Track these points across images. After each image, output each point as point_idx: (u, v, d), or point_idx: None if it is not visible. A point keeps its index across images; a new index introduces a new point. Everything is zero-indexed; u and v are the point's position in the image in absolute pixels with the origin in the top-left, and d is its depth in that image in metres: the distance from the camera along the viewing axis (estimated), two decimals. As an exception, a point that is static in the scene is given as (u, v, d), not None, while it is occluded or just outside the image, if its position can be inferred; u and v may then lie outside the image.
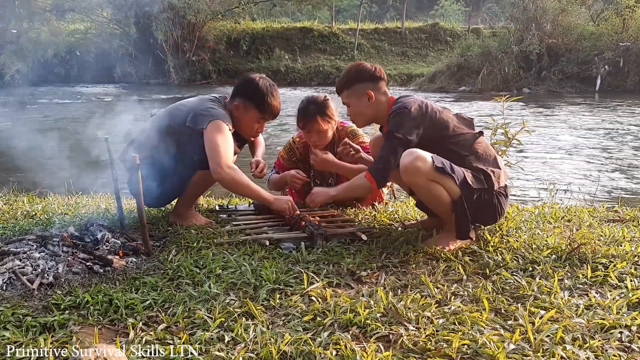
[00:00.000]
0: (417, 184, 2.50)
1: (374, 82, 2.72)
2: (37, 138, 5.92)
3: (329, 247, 2.63)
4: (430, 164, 2.43)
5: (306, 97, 3.44)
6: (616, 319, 1.82)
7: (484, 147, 2.69)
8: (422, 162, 2.42)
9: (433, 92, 21.10)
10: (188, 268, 2.31)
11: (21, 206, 3.67)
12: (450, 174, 2.45)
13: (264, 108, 3.01)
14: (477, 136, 2.68)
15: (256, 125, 3.09)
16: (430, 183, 2.47)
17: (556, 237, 2.75)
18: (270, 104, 3.01)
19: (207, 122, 2.84)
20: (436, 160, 2.44)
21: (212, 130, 2.82)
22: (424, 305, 1.96)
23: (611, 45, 19.97)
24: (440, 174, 2.45)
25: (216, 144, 2.79)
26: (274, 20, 30.92)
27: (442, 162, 2.46)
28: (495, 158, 2.71)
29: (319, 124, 3.29)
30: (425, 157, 2.43)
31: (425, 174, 2.44)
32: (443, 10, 38.33)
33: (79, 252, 2.46)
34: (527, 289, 2.10)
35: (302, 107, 3.36)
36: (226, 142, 2.84)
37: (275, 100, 3.04)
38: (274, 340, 1.69)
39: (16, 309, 1.92)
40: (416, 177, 2.46)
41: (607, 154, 8.74)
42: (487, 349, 1.63)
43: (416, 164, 2.42)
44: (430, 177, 2.45)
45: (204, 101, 3.02)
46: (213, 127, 2.83)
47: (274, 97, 3.02)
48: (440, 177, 2.46)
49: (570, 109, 14.73)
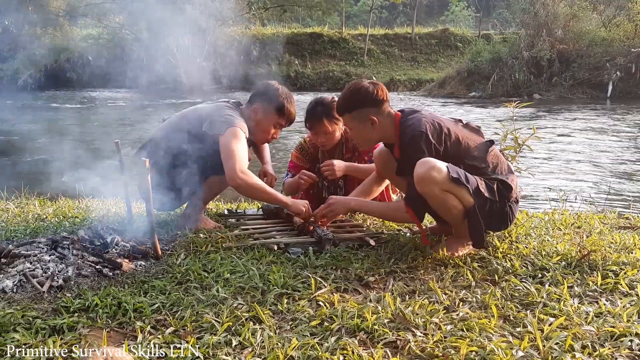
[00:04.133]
0: (432, 193, 2.43)
1: (376, 107, 2.60)
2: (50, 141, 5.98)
3: (337, 252, 2.63)
4: (445, 174, 2.37)
5: (314, 98, 3.46)
6: (626, 326, 1.80)
7: (496, 155, 2.65)
8: (437, 172, 2.36)
9: (443, 97, 21.07)
10: (196, 272, 2.32)
11: (32, 209, 3.71)
12: (465, 184, 2.41)
13: (283, 112, 3.10)
14: (489, 145, 2.64)
15: (272, 130, 3.15)
16: (445, 193, 2.41)
17: (566, 243, 2.73)
18: (289, 109, 3.12)
19: (225, 129, 2.87)
20: (452, 171, 2.38)
21: (229, 137, 2.85)
22: (431, 311, 1.95)
23: (623, 51, 19.87)
24: (455, 184, 2.39)
25: (232, 150, 2.82)
26: (284, 26, 31.08)
27: (457, 172, 2.40)
28: (509, 165, 2.69)
29: (326, 126, 3.31)
30: (440, 168, 2.37)
31: (440, 184, 2.38)
32: (453, 16, 38.34)
33: (88, 255, 2.47)
34: (537, 295, 2.08)
35: (310, 108, 3.39)
36: (242, 149, 2.87)
37: (293, 107, 3.15)
38: (281, 345, 1.69)
39: (26, 311, 1.93)
40: (431, 187, 2.39)
41: (618, 160, 8.67)
42: (496, 355, 1.62)
43: (432, 174, 2.36)
44: (445, 187, 2.39)
45: (220, 107, 3.05)
46: (230, 133, 2.86)
47: (291, 104, 3.14)
48: (455, 187, 2.40)
49: (581, 115, 14.63)
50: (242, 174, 2.80)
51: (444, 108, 17.27)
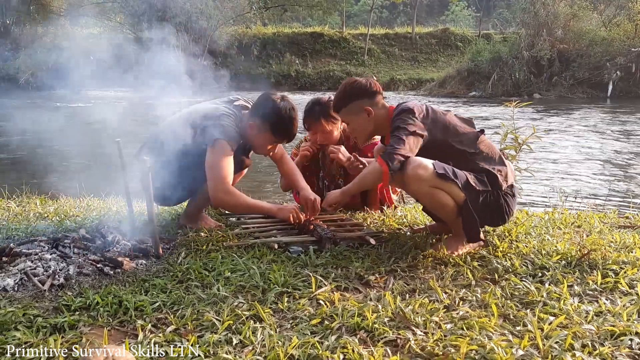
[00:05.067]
0: (421, 191, 2.49)
1: (370, 98, 2.67)
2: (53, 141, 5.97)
3: (338, 251, 2.63)
4: (431, 170, 2.41)
5: (312, 99, 3.47)
6: (626, 325, 1.81)
7: (488, 145, 2.67)
8: (423, 169, 2.41)
9: (443, 97, 21.07)
10: (197, 271, 2.32)
11: (34, 208, 3.71)
12: (453, 179, 2.44)
13: (279, 134, 2.94)
14: (479, 134, 2.67)
15: (269, 147, 3.03)
16: (434, 190, 2.46)
17: (566, 242, 2.73)
18: (286, 130, 2.93)
19: (212, 140, 2.79)
20: (437, 167, 2.43)
21: (214, 151, 2.78)
22: (432, 310, 1.95)
23: (623, 50, 19.87)
24: (442, 180, 2.43)
25: (216, 167, 2.77)
26: (285, 26, 31.08)
27: (443, 167, 2.44)
28: (501, 156, 2.70)
29: (323, 125, 3.33)
30: (426, 165, 2.42)
31: (428, 181, 2.42)
32: (453, 16, 38.33)
33: (89, 254, 2.48)
34: (536, 294, 2.08)
35: (307, 108, 3.41)
36: (226, 165, 2.79)
37: (293, 126, 2.93)
38: (281, 344, 1.69)
39: (27, 309, 1.94)
40: (419, 184, 2.45)
41: (618, 159, 8.67)
42: (496, 354, 1.62)
43: (418, 171, 2.41)
44: (433, 183, 2.44)
45: (217, 112, 2.92)
46: (217, 148, 2.78)
47: (291, 121, 2.90)
48: (443, 183, 2.44)
49: (581, 115, 14.63)
50: (224, 194, 2.78)
51: (444, 107, 17.25)
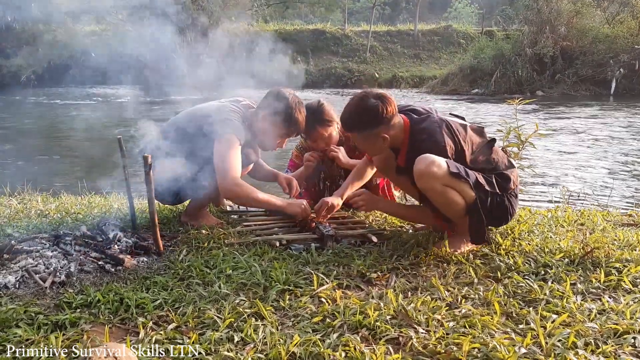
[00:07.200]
0: (433, 189, 2.44)
1: (386, 124, 2.54)
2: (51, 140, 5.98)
3: (339, 249, 2.63)
4: (445, 169, 2.39)
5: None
6: (629, 324, 1.80)
7: (499, 153, 2.67)
8: (437, 167, 2.38)
9: (445, 94, 21.03)
10: (198, 268, 2.32)
11: (35, 205, 3.71)
12: (465, 178, 2.43)
13: (291, 124, 2.98)
14: (492, 144, 2.64)
15: (278, 140, 3.06)
16: (446, 188, 2.43)
17: (569, 240, 2.72)
18: (297, 121, 2.98)
19: (221, 135, 2.82)
20: (451, 165, 2.40)
21: (223, 144, 2.80)
22: (434, 308, 1.95)
23: (626, 47, 19.79)
24: (455, 178, 2.41)
25: (225, 158, 2.78)
26: (286, 23, 31.02)
27: (456, 167, 2.42)
28: (509, 159, 2.70)
29: (320, 132, 3.31)
30: (440, 163, 2.39)
31: (441, 179, 2.40)
32: (456, 13, 38.25)
33: (91, 251, 2.48)
34: (539, 292, 2.08)
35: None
36: (235, 158, 2.81)
37: (302, 117, 3.00)
38: (283, 341, 1.69)
39: (28, 306, 1.94)
40: (432, 182, 2.41)
41: (621, 157, 8.65)
42: (498, 352, 1.61)
43: (432, 169, 2.38)
44: (446, 182, 2.41)
45: (223, 109, 2.97)
46: (225, 140, 2.81)
47: (301, 113, 2.99)
48: (455, 182, 2.42)
49: (584, 112, 14.59)
50: (235, 186, 2.78)
51: (447, 105, 17.23)
